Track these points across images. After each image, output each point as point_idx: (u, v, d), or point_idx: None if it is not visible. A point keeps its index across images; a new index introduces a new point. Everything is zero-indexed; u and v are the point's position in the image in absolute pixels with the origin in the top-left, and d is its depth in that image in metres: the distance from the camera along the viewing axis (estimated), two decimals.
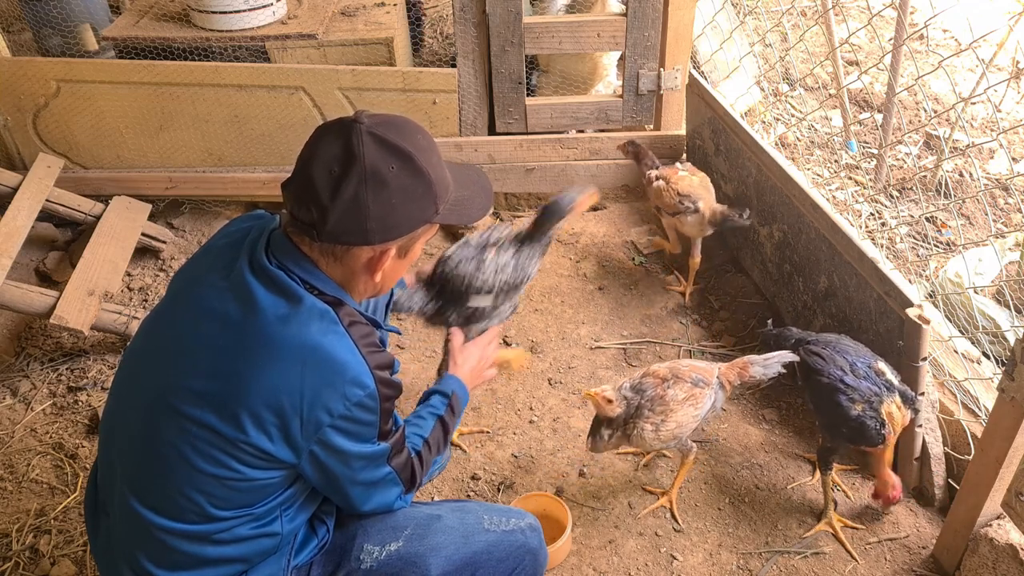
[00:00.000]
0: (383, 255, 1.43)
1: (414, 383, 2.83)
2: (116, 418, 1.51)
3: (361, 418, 1.41)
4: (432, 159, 1.43)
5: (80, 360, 2.98)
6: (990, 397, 2.30)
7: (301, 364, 1.35)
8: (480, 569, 1.67)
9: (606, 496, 2.42)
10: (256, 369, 1.34)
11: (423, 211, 1.43)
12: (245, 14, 3.52)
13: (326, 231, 1.37)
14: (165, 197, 3.65)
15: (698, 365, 2.27)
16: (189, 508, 1.40)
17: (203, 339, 1.39)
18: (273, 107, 3.41)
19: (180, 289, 1.52)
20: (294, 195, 1.39)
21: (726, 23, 4.55)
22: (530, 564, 1.74)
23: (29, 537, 2.36)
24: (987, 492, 1.99)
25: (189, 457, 1.37)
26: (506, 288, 2.40)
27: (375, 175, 1.35)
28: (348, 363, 1.37)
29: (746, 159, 3.07)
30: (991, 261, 3.10)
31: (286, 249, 1.42)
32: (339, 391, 1.37)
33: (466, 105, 3.49)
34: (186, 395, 1.37)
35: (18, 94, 3.37)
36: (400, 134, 1.40)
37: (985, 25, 4.91)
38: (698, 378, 2.22)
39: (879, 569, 2.20)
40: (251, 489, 1.42)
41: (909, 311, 2.19)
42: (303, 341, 1.35)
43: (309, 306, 1.38)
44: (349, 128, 1.37)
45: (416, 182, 1.40)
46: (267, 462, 1.39)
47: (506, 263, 2.38)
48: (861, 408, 2.10)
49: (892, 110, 3.64)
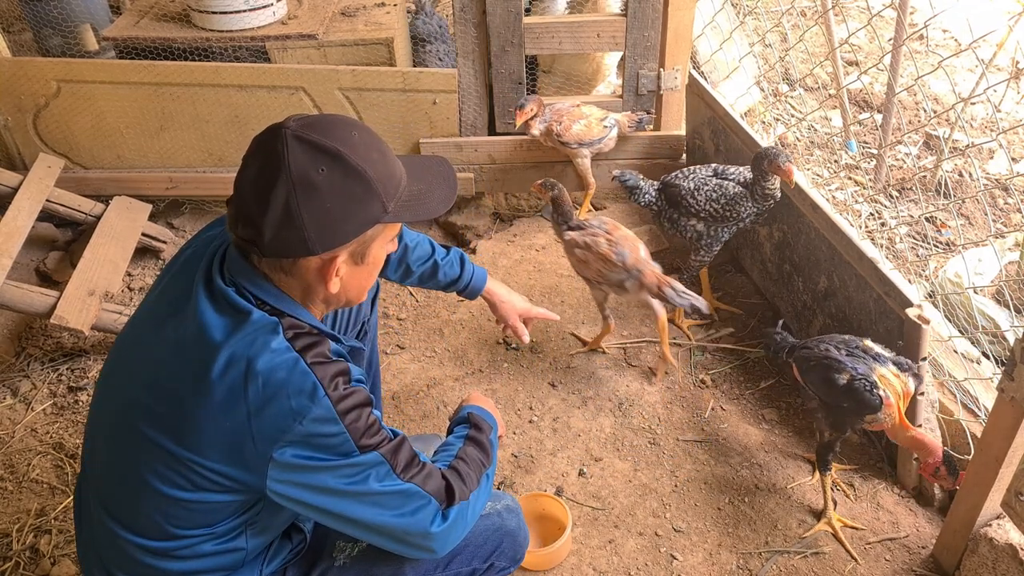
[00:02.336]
0: (331, 263, 1.34)
1: (414, 383, 2.83)
2: (93, 427, 1.50)
3: (320, 431, 1.32)
4: (370, 155, 1.32)
5: (80, 360, 2.98)
6: (990, 397, 2.30)
7: (243, 384, 1.28)
8: (458, 555, 1.66)
9: (606, 496, 2.42)
10: (200, 395, 1.30)
11: (367, 212, 1.33)
12: (245, 14, 3.52)
13: (265, 246, 1.30)
14: (165, 197, 3.65)
15: (639, 251, 2.61)
16: (149, 524, 1.39)
17: (157, 360, 1.37)
18: (273, 107, 3.41)
19: (149, 302, 1.49)
20: (232, 213, 1.33)
21: (726, 23, 4.56)
22: (509, 545, 1.73)
23: (29, 537, 2.36)
24: (987, 492, 1.99)
25: (147, 478, 1.34)
26: (714, 217, 2.75)
27: (303, 180, 1.26)
28: (291, 377, 1.30)
29: (746, 159, 3.07)
30: (991, 261, 3.10)
31: (238, 265, 1.37)
32: (284, 405, 1.29)
33: (466, 105, 3.49)
34: (144, 414, 1.35)
35: (18, 94, 3.37)
36: (328, 133, 1.29)
37: (985, 25, 4.91)
38: (625, 253, 2.58)
39: (879, 569, 2.21)
40: (210, 510, 1.38)
41: (909, 311, 2.19)
42: (245, 360, 1.29)
43: (254, 321, 1.32)
44: (274, 134, 1.28)
45: (352, 182, 1.29)
46: (226, 484, 1.34)
47: (720, 195, 2.72)
48: (848, 376, 2.09)
49: (892, 110, 3.64)
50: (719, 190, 2.74)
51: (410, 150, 3.54)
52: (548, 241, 3.50)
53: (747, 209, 2.72)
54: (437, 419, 2.69)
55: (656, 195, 2.91)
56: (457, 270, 2.12)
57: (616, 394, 2.76)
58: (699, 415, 2.69)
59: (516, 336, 2.25)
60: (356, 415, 1.35)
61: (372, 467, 1.38)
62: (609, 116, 3.37)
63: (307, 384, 1.30)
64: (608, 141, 3.36)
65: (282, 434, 1.30)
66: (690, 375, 2.84)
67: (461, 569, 1.68)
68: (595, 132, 3.31)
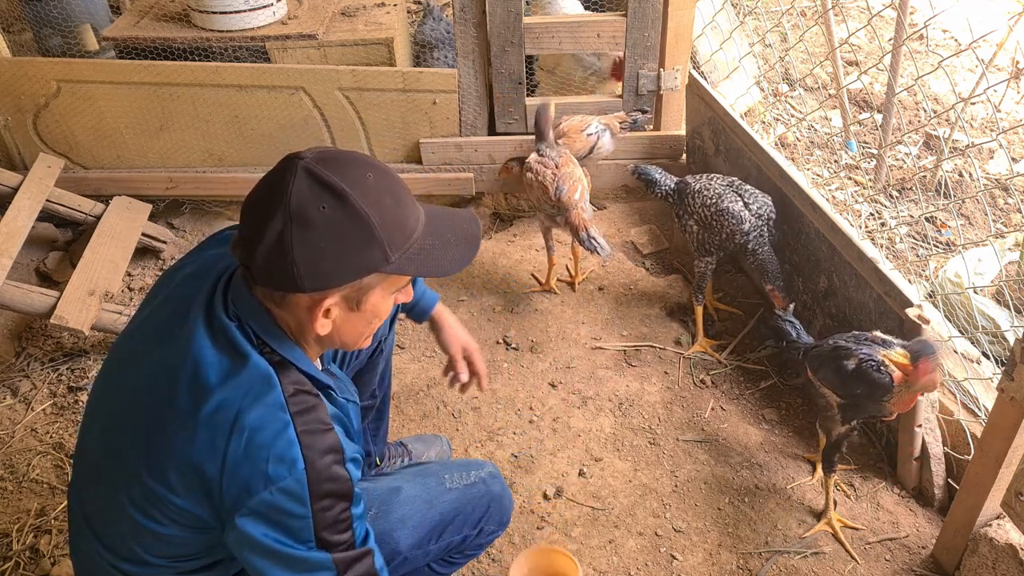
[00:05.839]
0: (319, 304, 1.28)
1: (414, 383, 2.83)
2: (82, 438, 1.49)
3: (285, 507, 1.24)
4: (382, 200, 1.26)
5: (80, 360, 2.98)
6: (990, 397, 2.30)
7: (227, 433, 1.24)
8: (449, 526, 1.69)
9: (606, 496, 2.42)
10: (183, 432, 1.26)
11: (364, 258, 1.26)
12: (245, 14, 3.52)
13: (255, 273, 1.26)
14: (165, 197, 3.65)
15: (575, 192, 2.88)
16: (125, 548, 1.37)
17: (146, 386, 1.33)
18: (273, 107, 3.41)
19: (144, 317, 1.46)
20: (238, 235, 1.31)
21: (726, 23, 4.56)
22: (496, 510, 1.76)
23: (29, 537, 2.36)
24: (987, 492, 1.99)
25: (124, 504, 1.32)
26: (706, 223, 2.79)
27: (300, 215, 1.21)
28: (275, 442, 1.23)
29: (746, 159, 3.07)
30: (991, 261, 3.10)
31: (243, 297, 1.33)
32: (260, 468, 1.22)
33: (466, 105, 3.49)
34: (124, 441, 1.34)
35: (18, 94, 3.37)
36: (340, 170, 1.24)
37: (985, 25, 4.92)
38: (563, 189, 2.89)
39: (879, 569, 2.21)
40: (182, 543, 1.36)
41: (909, 311, 2.19)
42: (235, 410, 1.24)
43: (252, 367, 1.27)
44: (289, 162, 1.25)
45: (352, 224, 1.23)
46: (194, 524, 1.31)
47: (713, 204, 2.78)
48: (856, 360, 2.08)
49: (892, 110, 3.64)
50: (715, 199, 2.73)
51: (410, 150, 3.54)
52: None
53: (739, 232, 2.69)
54: (437, 419, 2.69)
55: (673, 189, 2.93)
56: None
57: (616, 394, 2.76)
58: (699, 415, 2.69)
59: (455, 370, 2.01)
60: (329, 504, 1.27)
61: (316, 570, 1.29)
62: (592, 124, 3.24)
63: (289, 454, 1.24)
64: (600, 151, 3.27)
65: (248, 496, 1.23)
66: (690, 375, 2.84)
67: (453, 538, 1.72)
68: (578, 146, 3.19)
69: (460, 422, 2.68)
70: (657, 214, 3.61)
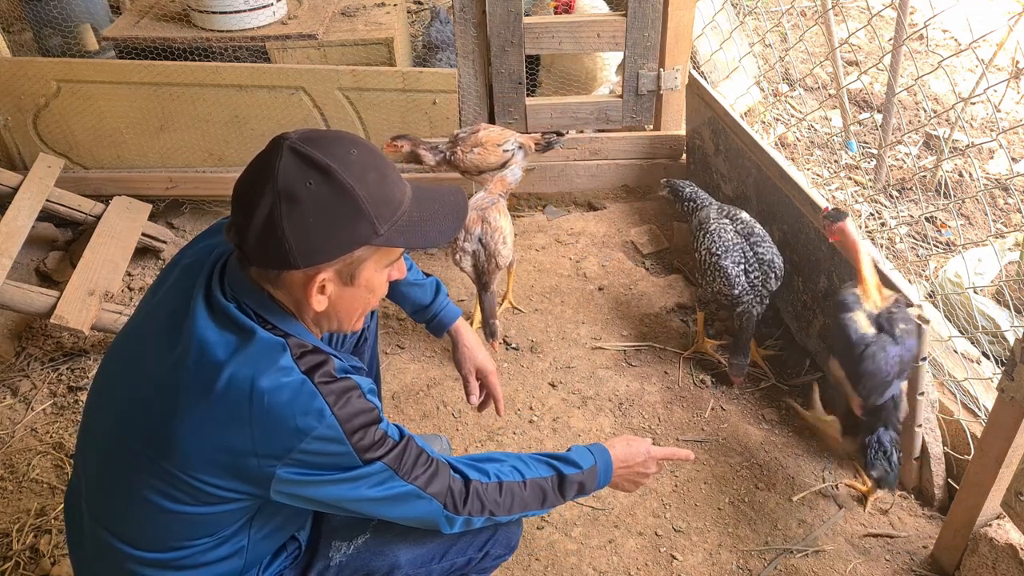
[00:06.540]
0: (313, 280, 1.31)
1: (414, 383, 2.83)
2: (85, 436, 1.49)
3: (325, 450, 1.31)
4: (366, 175, 1.29)
5: (80, 360, 2.98)
6: (990, 397, 2.30)
7: (247, 402, 1.27)
8: (454, 546, 1.67)
9: (606, 496, 2.42)
10: (198, 413, 1.28)
11: (353, 231, 1.29)
12: (245, 14, 3.52)
13: (249, 254, 1.30)
14: (165, 197, 3.65)
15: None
16: (146, 537, 1.38)
17: (152, 376, 1.35)
18: (273, 107, 3.41)
19: (145, 312, 1.47)
20: (230, 219, 1.33)
21: (726, 23, 4.56)
22: (503, 534, 1.73)
23: (29, 537, 2.36)
24: (987, 492, 1.99)
25: (145, 494, 1.33)
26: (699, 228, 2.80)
27: (287, 192, 1.24)
28: (297, 398, 1.28)
29: (746, 159, 3.07)
30: (991, 261, 3.10)
31: (239, 279, 1.36)
32: (290, 424, 1.28)
33: (466, 105, 3.49)
34: (136, 430, 1.34)
35: (18, 94, 3.37)
36: (325, 148, 1.27)
37: (985, 25, 4.92)
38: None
39: (879, 569, 2.21)
40: (215, 521, 1.38)
41: (909, 311, 2.19)
42: (249, 379, 1.28)
43: (259, 340, 1.30)
44: (274, 144, 1.29)
45: (338, 199, 1.27)
46: (230, 496, 1.34)
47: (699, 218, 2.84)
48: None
49: (892, 110, 3.64)
50: (721, 252, 2.66)
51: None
52: (548, 241, 3.50)
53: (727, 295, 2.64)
54: (437, 419, 2.69)
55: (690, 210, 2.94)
56: (428, 298, 2.02)
57: (616, 394, 2.76)
58: (699, 415, 2.69)
59: (465, 389, 2.04)
60: (362, 434, 1.34)
61: (375, 475, 1.38)
62: (510, 140, 3.09)
63: (314, 405, 1.29)
64: (511, 167, 3.09)
65: (287, 452, 1.29)
66: (690, 375, 2.84)
67: (457, 559, 1.69)
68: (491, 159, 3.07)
69: (460, 422, 2.68)
70: (657, 214, 3.61)
